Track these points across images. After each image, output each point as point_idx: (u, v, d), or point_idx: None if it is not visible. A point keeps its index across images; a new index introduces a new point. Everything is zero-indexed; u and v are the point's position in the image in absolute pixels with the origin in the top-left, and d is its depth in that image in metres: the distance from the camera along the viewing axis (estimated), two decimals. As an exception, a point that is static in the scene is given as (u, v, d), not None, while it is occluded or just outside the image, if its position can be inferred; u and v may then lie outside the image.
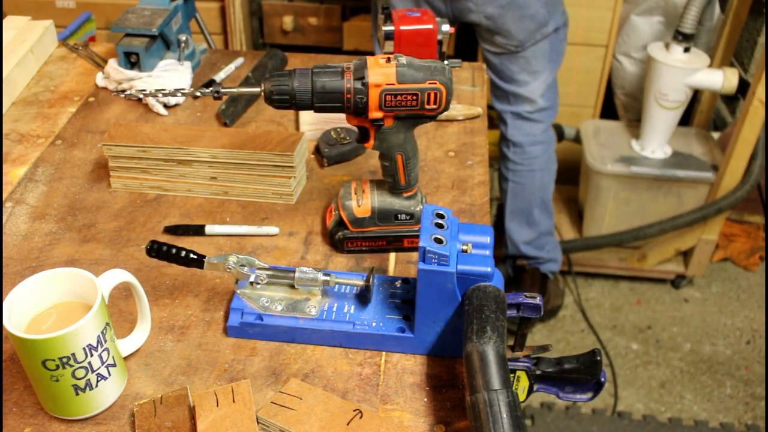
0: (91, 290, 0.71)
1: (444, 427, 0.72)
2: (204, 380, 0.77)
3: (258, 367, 0.79)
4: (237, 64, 1.30)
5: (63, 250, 0.93)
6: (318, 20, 2.40)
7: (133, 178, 1.02)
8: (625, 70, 2.29)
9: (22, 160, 1.08)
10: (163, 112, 1.18)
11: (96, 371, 0.70)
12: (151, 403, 0.72)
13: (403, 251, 0.93)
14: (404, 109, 0.82)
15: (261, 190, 1.00)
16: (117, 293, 0.86)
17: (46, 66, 1.31)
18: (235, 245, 0.94)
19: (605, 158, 2.13)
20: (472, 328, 0.70)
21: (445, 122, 1.17)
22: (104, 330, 0.70)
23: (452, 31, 1.50)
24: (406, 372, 0.78)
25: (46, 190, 1.03)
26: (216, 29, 2.38)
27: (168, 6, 1.24)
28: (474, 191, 1.03)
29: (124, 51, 1.19)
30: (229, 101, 1.16)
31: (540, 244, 2.06)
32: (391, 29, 1.13)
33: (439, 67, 0.81)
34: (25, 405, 0.75)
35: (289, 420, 0.70)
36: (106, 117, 1.17)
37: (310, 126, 1.13)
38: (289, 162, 0.98)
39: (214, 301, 0.86)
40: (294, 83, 0.80)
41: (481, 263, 0.74)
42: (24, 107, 1.20)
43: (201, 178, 1.01)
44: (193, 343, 0.81)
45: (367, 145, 0.86)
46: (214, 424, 0.70)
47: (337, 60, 0.84)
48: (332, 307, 0.81)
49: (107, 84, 1.23)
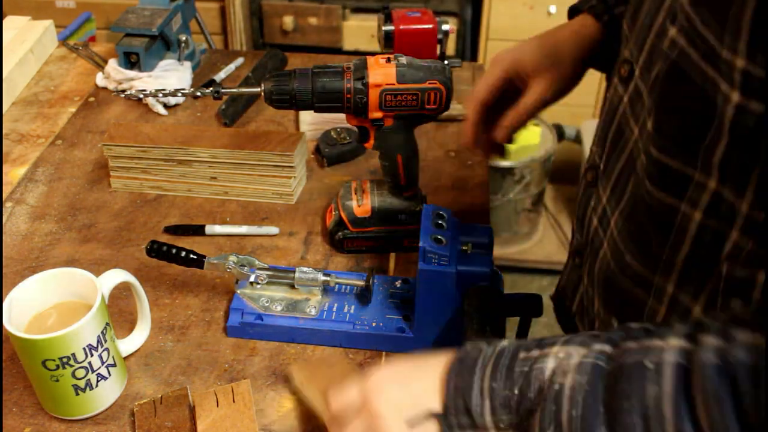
0: (91, 290, 0.71)
1: (444, 427, 0.72)
2: (204, 380, 0.77)
3: (258, 367, 0.79)
4: (237, 64, 1.30)
5: (63, 250, 0.93)
6: (318, 20, 2.40)
7: (133, 178, 1.02)
8: (625, 70, 2.29)
9: (22, 160, 1.08)
10: (163, 112, 1.17)
11: (96, 371, 0.70)
12: (151, 403, 0.72)
13: (403, 251, 0.93)
14: (404, 109, 0.82)
15: (261, 190, 1.00)
16: (117, 293, 0.86)
17: (46, 66, 1.31)
18: (235, 245, 0.94)
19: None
20: (472, 328, 0.70)
21: (445, 122, 1.17)
22: (104, 330, 0.70)
23: (452, 30, 1.50)
24: (406, 372, 0.78)
25: (46, 190, 1.03)
26: (216, 29, 2.38)
27: (168, 6, 1.24)
28: (474, 191, 1.03)
29: (124, 51, 1.19)
30: (229, 101, 1.16)
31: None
32: (391, 29, 1.13)
33: (439, 67, 0.81)
34: (25, 405, 0.75)
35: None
36: (106, 117, 1.17)
37: (310, 126, 1.13)
38: (289, 162, 0.98)
39: (214, 301, 0.86)
40: (294, 83, 0.79)
41: (481, 263, 0.74)
42: (24, 107, 1.20)
43: (201, 178, 1.01)
44: (193, 343, 0.81)
45: (367, 145, 0.86)
46: (214, 424, 0.70)
47: (337, 60, 0.84)
48: (332, 307, 0.81)
49: (107, 84, 1.23)
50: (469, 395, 0.51)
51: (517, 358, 0.51)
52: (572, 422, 0.46)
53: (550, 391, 0.48)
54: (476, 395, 0.51)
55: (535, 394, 0.49)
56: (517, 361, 0.51)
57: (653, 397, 0.43)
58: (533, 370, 0.49)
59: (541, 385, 0.49)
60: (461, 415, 0.52)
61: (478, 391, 0.51)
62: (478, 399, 0.51)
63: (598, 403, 0.46)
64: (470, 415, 0.51)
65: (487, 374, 0.51)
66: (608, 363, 0.47)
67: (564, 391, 0.47)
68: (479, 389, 0.51)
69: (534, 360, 0.50)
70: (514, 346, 0.52)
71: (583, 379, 0.47)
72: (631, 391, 0.44)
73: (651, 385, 0.44)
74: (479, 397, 0.51)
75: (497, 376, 0.51)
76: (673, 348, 0.44)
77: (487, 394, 0.51)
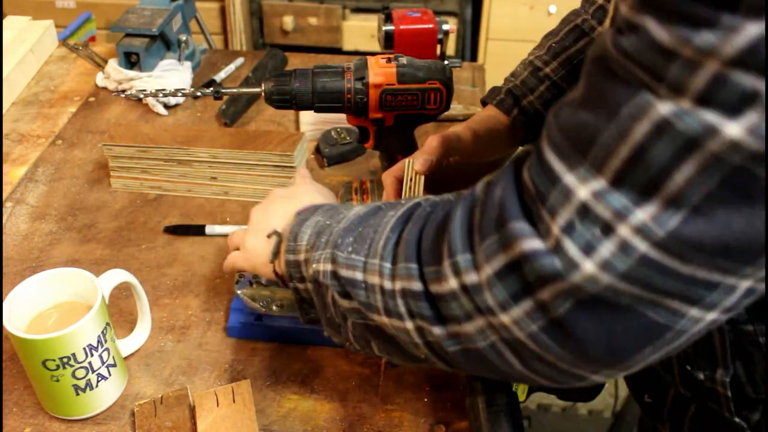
0: (91, 290, 0.71)
1: (444, 427, 0.72)
2: (204, 380, 0.77)
3: (258, 367, 0.79)
4: (237, 64, 1.30)
5: (63, 250, 0.93)
6: (318, 20, 2.40)
7: (133, 178, 1.02)
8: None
9: (22, 160, 1.08)
10: (163, 112, 1.17)
11: (96, 371, 0.70)
12: (151, 403, 0.72)
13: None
14: (405, 109, 0.82)
15: (261, 190, 1.00)
16: (117, 293, 0.86)
17: (46, 66, 1.31)
18: (235, 245, 0.94)
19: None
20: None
21: (445, 122, 1.16)
22: (104, 330, 0.70)
23: (452, 30, 1.50)
24: (406, 372, 0.78)
25: (46, 190, 1.03)
26: (216, 29, 2.38)
27: (168, 6, 1.24)
28: (474, 191, 1.03)
29: (125, 51, 1.19)
30: (230, 101, 1.16)
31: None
32: (391, 29, 1.13)
33: (440, 67, 0.81)
34: (25, 405, 0.75)
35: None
36: (106, 117, 1.17)
37: (310, 126, 1.13)
38: (289, 162, 0.98)
39: (214, 301, 0.86)
40: (294, 83, 0.79)
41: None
42: (24, 107, 1.20)
43: (201, 178, 1.01)
44: (193, 343, 0.81)
45: (368, 146, 0.86)
46: (214, 424, 0.70)
47: (337, 60, 0.84)
48: (332, 307, 0.81)
49: (107, 84, 1.23)
50: (302, 227, 0.62)
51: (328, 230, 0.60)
52: (336, 235, 0.58)
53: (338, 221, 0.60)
54: (307, 226, 0.61)
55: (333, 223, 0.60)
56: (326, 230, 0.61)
57: (386, 220, 0.55)
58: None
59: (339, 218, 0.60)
60: (290, 241, 0.62)
61: (312, 223, 0.61)
62: (308, 230, 0.61)
63: (357, 225, 0.57)
64: (296, 241, 0.61)
65: (323, 212, 0.62)
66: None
67: (350, 217, 0.59)
68: (313, 223, 0.61)
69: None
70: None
71: (362, 211, 0.60)
72: (377, 220, 0.56)
73: (388, 217, 0.55)
74: (309, 228, 0.61)
75: (329, 216, 0.62)
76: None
77: (313, 225, 0.61)
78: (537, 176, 0.43)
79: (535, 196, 0.43)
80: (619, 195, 0.39)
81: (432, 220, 0.51)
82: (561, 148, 0.42)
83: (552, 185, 0.42)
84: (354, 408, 0.74)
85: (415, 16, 1.14)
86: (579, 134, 0.41)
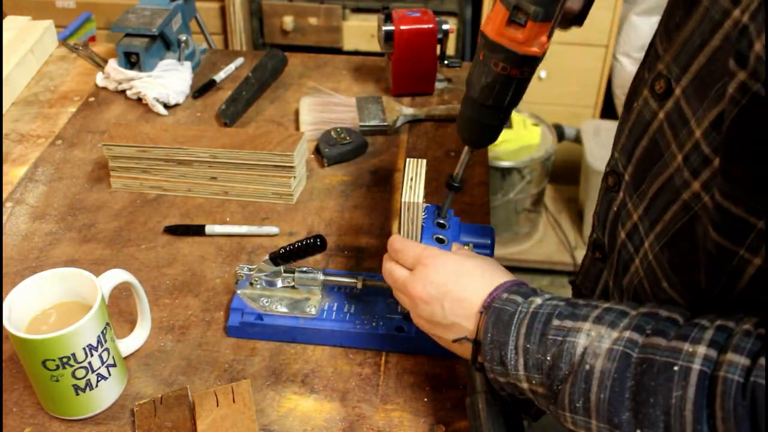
0: (91, 290, 0.71)
1: (444, 427, 0.72)
2: (204, 380, 0.77)
3: (258, 367, 0.79)
4: (237, 64, 1.30)
5: (63, 250, 0.93)
6: (318, 20, 2.40)
7: (133, 178, 1.02)
8: (625, 70, 2.29)
9: (22, 160, 1.08)
10: (163, 112, 1.17)
11: (96, 371, 0.70)
12: (151, 403, 0.72)
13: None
14: None
15: (261, 190, 1.00)
16: (117, 293, 0.86)
17: (46, 66, 1.31)
18: (235, 245, 0.94)
19: (605, 158, 2.12)
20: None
21: (445, 122, 1.17)
22: (104, 330, 0.70)
23: (452, 30, 1.50)
24: (406, 372, 0.78)
25: (46, 190, 1.03)
26: (216, 29, 2.38)
27: (168, 6, 1.24)
28: (474, 191, 1.03)
29: (124, 51, 1.19)
30: (229, 101, 1.16)
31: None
32: (391, 29, 1.13)
33: None
34: (25, 405, 0.75)
35: None
36: (106, 117, 1.17)
37: (310, 126, 1.13)
38: (289, 162, 0.98)
39: (214, 301, 0.86)
40: None
41: (481, 263, 0.74)
42: (24, 107, 1.20)
43: (201, 178, 1.01)
44: (193, 343, 0.81)
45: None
46: (214, 424, 0.70)
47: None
48: (332, 307, 0.81)
49: (107, 84, 1.23)
50: (505, 351, 0.57)
51: (550, 324, 0.56)
52: (600, 403, 0.51)
53: (581, 369, 0.53)
54: (511, 351, 0.57)
55: (566, 367, 0.54)
56: (550, 327, 0.56)
57: (677, 397, 0.47)
58: (566, 342, 0.54)
59: (572, 360, 0.53)
60: (496, 364, 0.58)
61: (513, 347, 0.57)
62: (513, 354, 0.57)
63: (624, 391, 0.50)
64: (505, 366, 0.57)
65: (522, 334, 0.57)
66: (636, 351, 0.51)
67: (594, 372, 0.52)
68: (514, 346, 0.57)
69: (566, 332, 0.55)
70: (548, 310, 0.57)
71: (612, 366, 0.51)
72: (657, 388, 0.48)
73: (676, 387, 0.47)
74: (513, 353, 0.57)
75: (531, 339, 0.56)
76: (700, 356, 0.47)
77: (521, 353, 0.56)
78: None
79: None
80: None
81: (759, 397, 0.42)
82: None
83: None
84: (354, 408, 0.74)
85: (415, 16, 1.14)
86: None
